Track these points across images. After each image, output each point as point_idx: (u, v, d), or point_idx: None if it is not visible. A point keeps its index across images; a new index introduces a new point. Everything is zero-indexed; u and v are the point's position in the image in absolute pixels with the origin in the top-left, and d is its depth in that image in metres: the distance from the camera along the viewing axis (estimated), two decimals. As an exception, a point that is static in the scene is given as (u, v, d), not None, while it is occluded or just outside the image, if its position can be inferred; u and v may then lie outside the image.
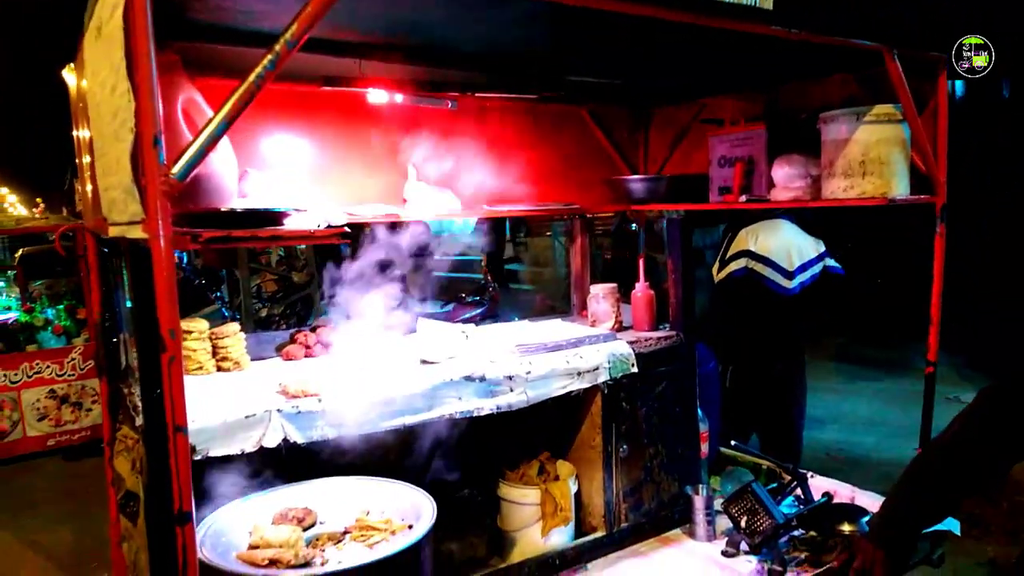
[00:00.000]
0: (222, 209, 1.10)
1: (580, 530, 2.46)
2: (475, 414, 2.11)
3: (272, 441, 1.76)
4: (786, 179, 2.48)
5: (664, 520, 2.54)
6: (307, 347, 2.41)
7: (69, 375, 6.51)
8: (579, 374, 2.33)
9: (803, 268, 4.44)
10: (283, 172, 2.36)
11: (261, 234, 1.17)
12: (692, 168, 2.96)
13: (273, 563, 1.41)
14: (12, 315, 6.89)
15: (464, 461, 2.34)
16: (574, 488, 2.41)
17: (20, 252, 10.62)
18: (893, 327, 6.68)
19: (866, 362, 8.33)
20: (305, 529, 1.62)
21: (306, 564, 1.44)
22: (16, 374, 6.41)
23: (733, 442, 2.58)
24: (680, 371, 2.58)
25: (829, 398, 7.05)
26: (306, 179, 2.45)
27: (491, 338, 2.53)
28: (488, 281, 7.43)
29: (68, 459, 6.25)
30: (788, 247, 4.42)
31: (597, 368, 2.37)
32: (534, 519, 2.34)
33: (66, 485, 5.71)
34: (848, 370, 8.13)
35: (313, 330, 2.50)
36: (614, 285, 2.75)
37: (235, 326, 2.23)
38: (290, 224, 1.30)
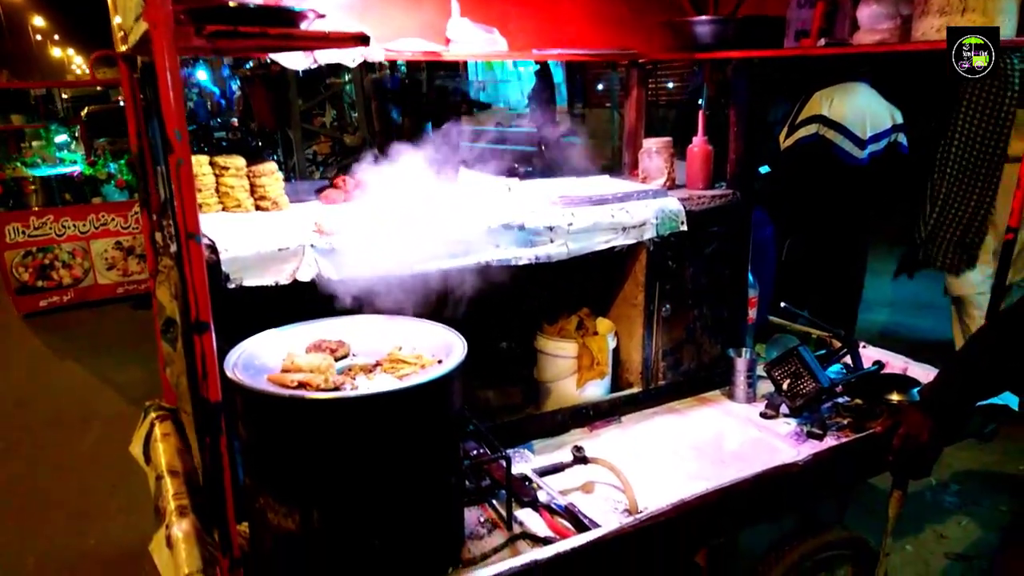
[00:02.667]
0: (231, 3, 1.01)
1: (616, 386, 2.45)
2: (513, 263, 2.06)
3: (306, 275, 1.75)
4: (872, 19, 2.20)
5: (703, 381, 2.51)
6: (346, 191, 2.36)
7: (133, 228, 6.75)
8: (624, 229, 2.23)
9: (875, 138, 4.13)
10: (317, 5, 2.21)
11: (271, 31, 1.07)
12: (768, 8, 2.65)
13: (302, 386, 1.43)
14: (77, 168, 7.08)
15: (502, 313, 2.32)
16: (612, 344, 2.37)
17: (85, 110, 10.86)
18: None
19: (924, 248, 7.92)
20: (337, 360, 1.63)
21: (335, 389, 1.45)
22: (84, 225, 6.68)
23: (783, 304, 2.47)
24: (733, 232, 2.45)
25: (886, 281, 6.78)
26: (341, 14, 2.29)
27: (535, 191, 2.43)
28: (539, 147, 7.23)
29: (136, 307, 6.61)
30: (864, 114, 4.08)
31: (644, 224, 2.26)
32: (570, 371, 2.33)
33: (136, 330, 6.06)
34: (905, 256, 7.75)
35: (353, 176, 2.44)
36: (669, 139, 2.57)
37: (272, 165, 2.19)
38: (305, 26, 1.20)
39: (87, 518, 3.54)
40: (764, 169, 4.15)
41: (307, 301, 1.81)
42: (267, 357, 1.57)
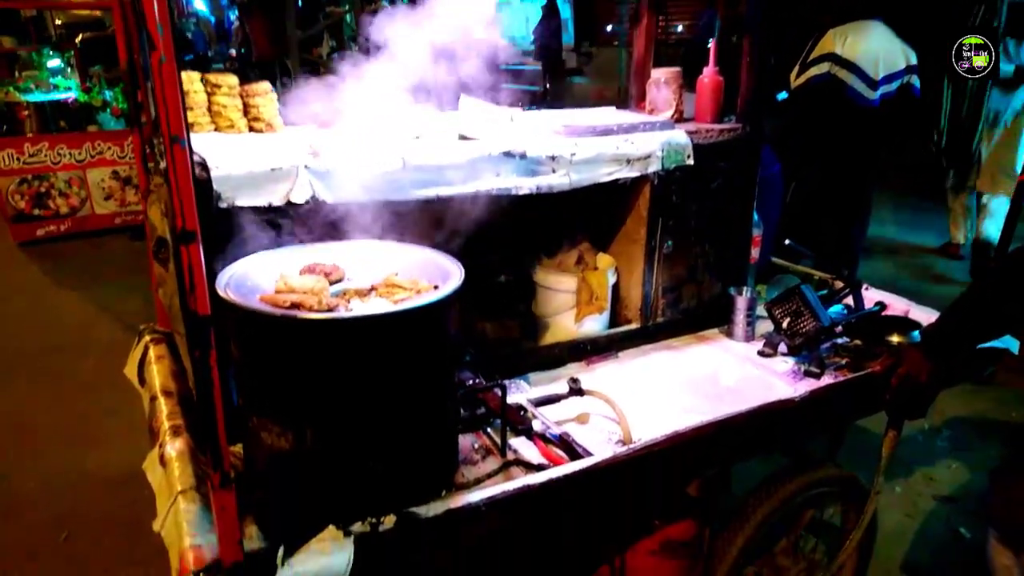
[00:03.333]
0: None
1: (615, 322, 2.44)
2: (513, 192, 2.01)
3: (300, 196, 1.71)
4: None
5: (702, 319, 2.49)
6: (343, 117, 2.28)
7: (130, 158, 6.64)
8: (628, 161, 2.17)
9: (888, 79, 4.02)
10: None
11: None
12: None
13: (296, 307, 1.40)
14: (72, 95, 6.93)
15: (501, 245, 2.28)
16: (612, 280, 2.34)
17: (80, 36, 10.56)
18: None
19: (937, 198, 7.82)
20: (332, 284, 1.60)
21: (329, 311, 1.43)
22: (80, 153, 6.58)
23: (788, 241, 2.43)
24: (740, 168, 2.39)
25: (889, 230, 6.72)
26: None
27: (538, 122, 2.36)
28: (544, 84, 7.04)
29: (134, 238, 6.56)
30: (877, 53, 3.96)
31: (649, 156, 2.20)
32: (568, 306, 2.31)
33: (134, 260, 6.02)
34: (914, 204, 7.67)
35: (351, 103, 2.36)
36: (678, 70, 2.48)
37: (266, 85, 2.11)
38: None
39: (87, 442, 3.59)
40: (782, 95, 4.04)
41: (301, 225, 1.77)
42: (259, 279, 1.54)
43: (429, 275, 1.65)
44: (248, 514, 1.51)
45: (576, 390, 1.96)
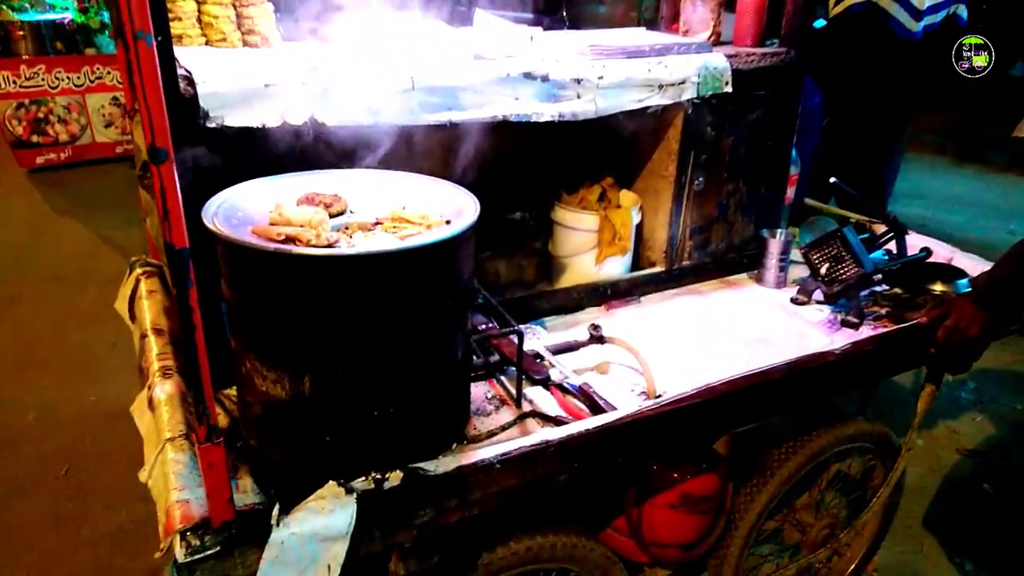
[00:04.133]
0: None
1: (637, 264, 2.28)
2: (533, 119, 1.82)
3: (297, 117, 1.53)
4: None
5: (731, 263, 2.33)
6: (346, 30, 2.07)
7: (129, 83, 6.39)
8: (660, 87, 1.96)
9: (933, 9, 3.72)
10: None
11: None
12: None
13: (290, 240, 1.25)
14: (68, 15, 6.62)
15: (516, 178, 2.11)
16: (636, 219, 2.17)
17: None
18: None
19: (973, 143, 7.48)
20: (332, 216, 1.44)
21: (329, 247, 1.27)
22: (79, 77, 6.33)
23: (833, 179, 2.24)
24: (782, 98, 2.18)
25: (919, 174, 6.45)
26: None
27: (560, 42, 2.14)
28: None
29: (135, 168, 6.36)
30: (923, -22, 3.65)
31: (683, 82, 1.99)
32: (589, 246, 2.15)
33: (135, 191, 5.86)
34: (951, 148, 7.36)
35: (355, 14, 2.15)
36: (717, -14, 2.24)
37: (262, -7, 1.90)
38: None
39: (87, 375, 3.51)
40: (819, 23, 3.75)
41: (298, 151, 1.60)
42: (252, 208, 1.39)
43: (440, 209, 1.49)
44: (242, 463, 1.41)
45: (597, 337, 1.82)
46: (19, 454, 3.00)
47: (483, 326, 1.76)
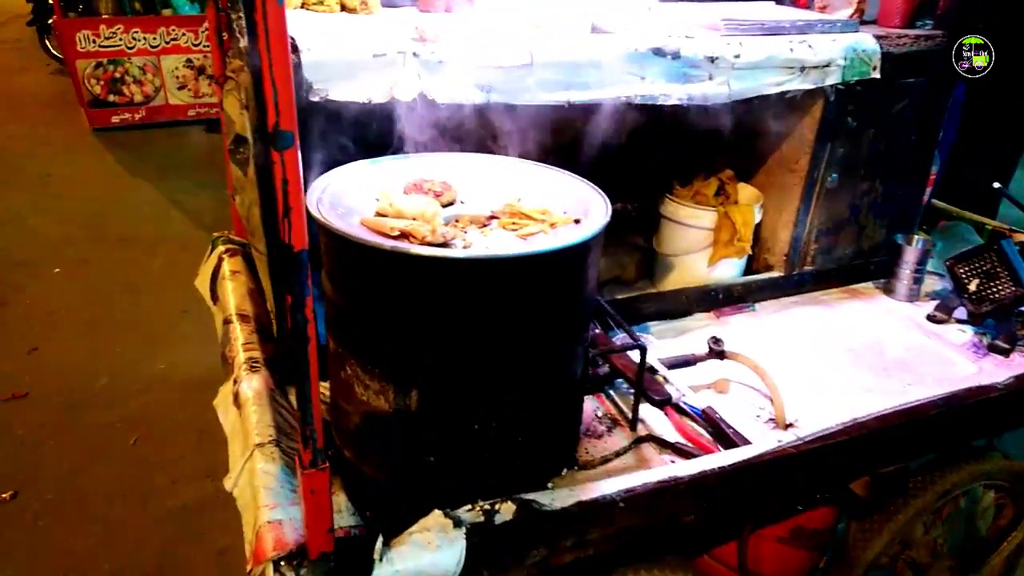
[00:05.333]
0: None
1: (751, 267, 2.06)
2: (660, 102, 1.61)
3: (406, 93, 1.36)
4: None
5: (857, 270, 2.09)
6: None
7: (204, 45, 6.36)
8: (803, 69, 1.73)
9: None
10: None
11: None
12: None
13: (404, 236, 1.10)
14: (147, -25, 6.60)
15: (620, 166, 1.91)
16: (758, 217, 1.96)
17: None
18: None
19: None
20: (442, 206, 1.28)
21: (444, 244, 1.12)
22: (155, 38, 6.33)
23: (997, 184, 1.98)
24: (932, 87, 1.92)
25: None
26: None
27: (682, 14, 1.92)
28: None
29: (210, 131, 6.36)
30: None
31: (828, 65, 1.75)
32: (702, 245, 1.94)
33: (208, 154, 5.85)
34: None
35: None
36: (863, -44, 1.98)
37: (364, -48, 1.73)
38: None
39: (158, 342, 3.48)
40: None
41: (404, 130, 1.44)
42: (356, 196, 1.24)
43: (562, 204, 1.31)
44: (334, 475, 1.28)
45: (717, 352, 1.62)
46: (90, 420, 2.99)
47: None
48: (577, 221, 1.22)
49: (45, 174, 5.44)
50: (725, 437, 1.38)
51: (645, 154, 1.95)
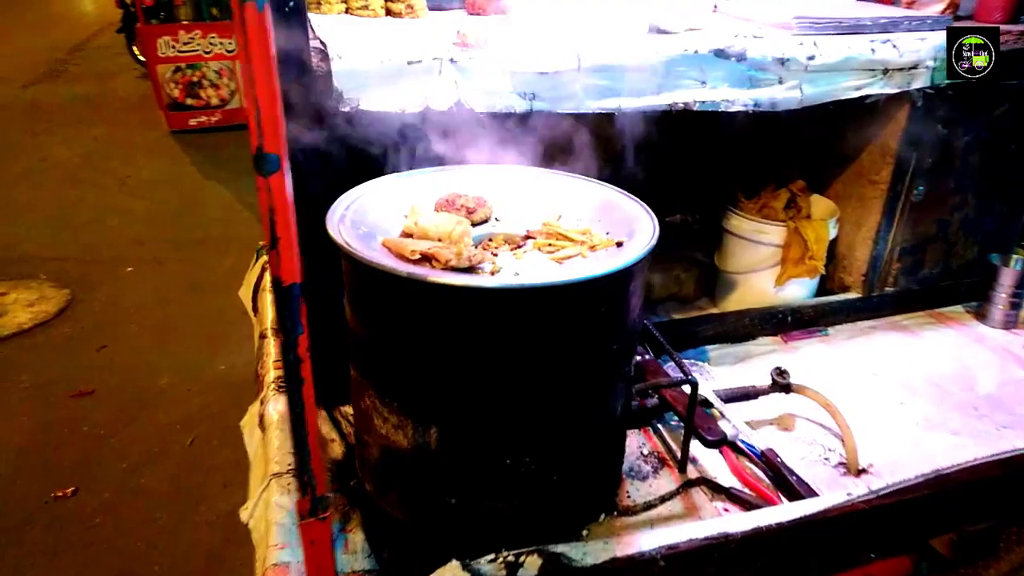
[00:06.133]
0: None
1: (824, 287, 1.89)
2: (722, 108, 1.47)
3: (442, 102, 1.28)
4: None
5: (945, 292, 1.88)
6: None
7: (277, 49, 6.49)
8: (885, 72, 1.55)
9: None
10: None
11: None
12: None
13: (427, 259, 1.01)
14: (224, -19, 6.80)
15: (680, 175, 1.78)
16: (833, 233, 1.78)
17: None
18: None
19: None
20: (475, 224, 1.19)
21: (470, 269, 1.02)
22: (230, 43, 6.50)
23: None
24: (1040, 89, 1.70)
25: None
26: None
27: (750, 11, 1.77)
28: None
29: (280, 134, 6.48)
30: None
31: (915, 66, 1.57)
32: (769, 263, 1.78)
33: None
34: None
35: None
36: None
37: (409, -46, 1.66)
38: None
39: (219, 342, 3.53)
40: None
41: (439, 141, 1.35)
42: (384, 212, 1.16)
43: (604, 221, 1.20)
44: (355, 509, 1.21)
45: (782, 385, 1.47)
46: (152, 419, 3.04)
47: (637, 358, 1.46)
48: (620, 244, 1.10)
49: (125, 175, 5.66)
50: (787, 484, 1.23)
51: (707, 163, 1.81)
